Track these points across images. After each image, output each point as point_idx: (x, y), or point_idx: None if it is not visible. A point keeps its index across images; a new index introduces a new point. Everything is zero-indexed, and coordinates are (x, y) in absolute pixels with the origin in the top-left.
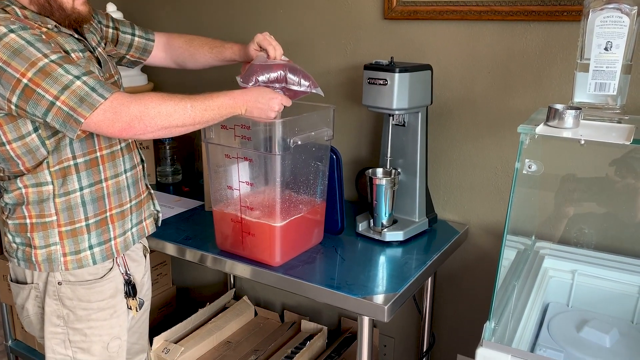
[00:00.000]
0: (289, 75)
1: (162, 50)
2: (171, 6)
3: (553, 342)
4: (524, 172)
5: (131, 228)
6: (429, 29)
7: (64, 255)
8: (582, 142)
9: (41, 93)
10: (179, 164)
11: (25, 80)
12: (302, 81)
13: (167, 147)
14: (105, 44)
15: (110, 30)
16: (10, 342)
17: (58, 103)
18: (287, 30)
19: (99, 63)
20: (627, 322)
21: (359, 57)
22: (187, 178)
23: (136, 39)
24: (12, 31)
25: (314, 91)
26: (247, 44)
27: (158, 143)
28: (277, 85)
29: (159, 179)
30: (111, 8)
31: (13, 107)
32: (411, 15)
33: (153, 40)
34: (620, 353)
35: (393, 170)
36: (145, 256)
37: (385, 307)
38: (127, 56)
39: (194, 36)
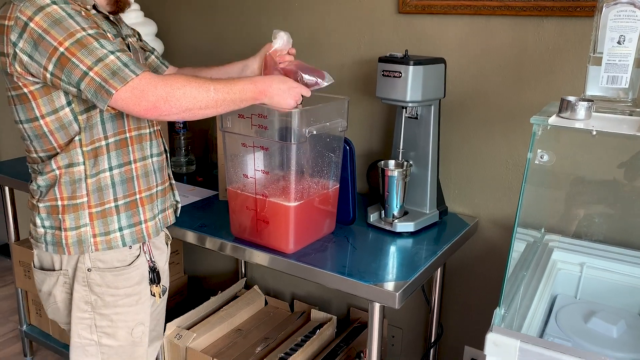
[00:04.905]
0: (305, 76)
1: (170, 72)
2: (186, 2)
3: (561, 332)
4: (536, 162)
5: (158, 214)
6: (443, 23)
7: (94, 236)
8: (594, 132)
9: (76, 62)
10: (193, 154)
11: (62, 49)
12: (314, 77)
13: (182, 138)
14: (139, 41)
15: (136, 39)
16: (25, 326)
17: (91, 73)
18: (301, 22)
19: (130, 51)
20: (634, 314)
21: (372, 50)
22: (201, 168)
23: (153, 57)
24: (54, 3)
25: (325, 83)
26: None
27: (173, 133)
28: None
29: (173, 169)
30: (133, 7)
31: (49, 75)
32: (425, 9)
33: (167, 67)
34: (628, 343)
35: (405, 162)
36: (167, 244)
37: (397, 294)
38: None
39: (206, 67)
